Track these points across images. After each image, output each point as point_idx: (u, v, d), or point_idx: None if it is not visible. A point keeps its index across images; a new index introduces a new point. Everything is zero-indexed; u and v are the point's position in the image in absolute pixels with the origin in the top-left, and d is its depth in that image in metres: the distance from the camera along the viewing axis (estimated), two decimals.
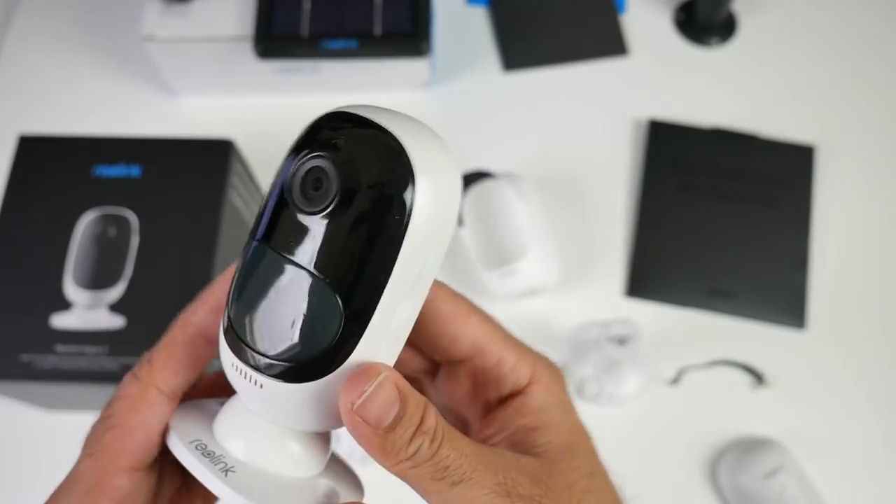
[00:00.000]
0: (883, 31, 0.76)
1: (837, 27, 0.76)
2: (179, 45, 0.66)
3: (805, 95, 0.73)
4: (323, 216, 0.20)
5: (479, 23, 0.77)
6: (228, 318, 0.23)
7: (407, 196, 0.20)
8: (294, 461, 0.24)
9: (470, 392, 0.28)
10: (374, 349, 0.22)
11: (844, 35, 0.76)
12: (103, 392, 0.52)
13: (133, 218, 0.53)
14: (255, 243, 0.22)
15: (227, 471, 0.22)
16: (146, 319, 0.50)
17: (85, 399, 0.56)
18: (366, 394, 0.21)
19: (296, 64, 0.68)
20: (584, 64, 0.75)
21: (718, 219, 0.67)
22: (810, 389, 0.62)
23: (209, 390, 0.27)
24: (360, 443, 0.22)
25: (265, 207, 0.22)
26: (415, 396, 0.22)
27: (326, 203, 0.20)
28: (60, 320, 0.50)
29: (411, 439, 0.22)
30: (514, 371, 0.26)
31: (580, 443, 0.26)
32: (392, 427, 0.21)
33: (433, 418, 0.22)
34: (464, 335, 0.26)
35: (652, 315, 0.64)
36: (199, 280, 0.51)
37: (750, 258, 0.66)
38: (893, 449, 0.61)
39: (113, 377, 0.49)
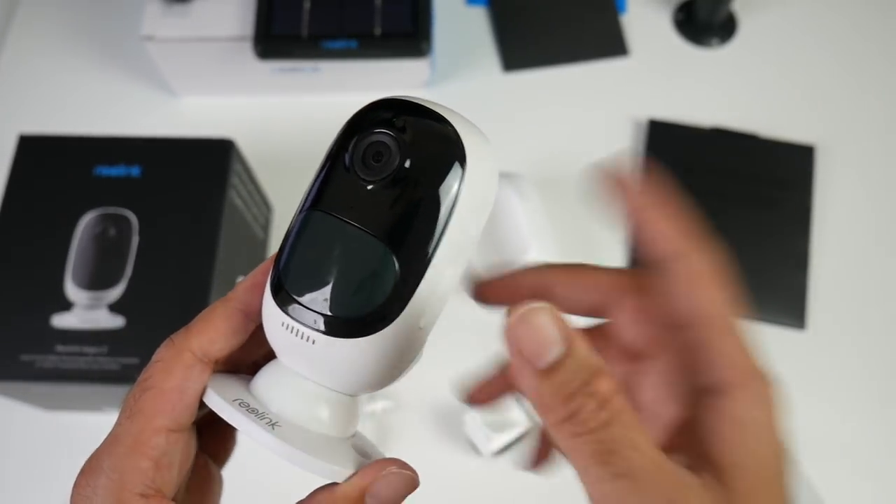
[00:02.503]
0: (883, 30, 0.76)
1: (837, 27, 0.76)
2: (179, 45, 0.66)
3: (805, 95, 0.73)
4: (384, 185, 0.23)
5: (479, 23, 0.77)
6: (278, 278, 0.24)
7: (459, 173, 0.23)
8: (332, 422, 0.25)
9: (671, 375, 0.25)
10: (421, 309, 0.23)
11: (844, 35, 0.76)
12: (103, 392, 0.52)
13: (133, 218, 0.53)
14: (307, 211, 0.24)
15: (273, 425, 0.23)
16: (146, 319, 0.50)
17: (85, 399, 0.56)
18: (523, 310, 0.20)
19: (296, 64, 0.68)
20: (584, 64, 0.75)
21: (718, 219, 0.67)
22: (810, 389, 0.62)
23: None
24: (519, 384, 0.21)
25: (318, 179, 0.25)
26: (588, 351, 0.20)
27: (388, 172, 0.23)
28: (60, 320, 0.50)
29: (573, 394, 0.19)
30: (726, 364, 0.22)
31: (774, 479, 0.22)
32: (553, 369, 0.20)
33: (607, 385, 0.20)
34: (692, 299, 0.23)
35: None
36: (199, 280, 0.51)
37: (750, 258, 0.66)
38: (893, 449, 0.61)
39: (113, 377, 0.49)
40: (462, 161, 0.23)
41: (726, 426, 0.22)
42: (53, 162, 0.55)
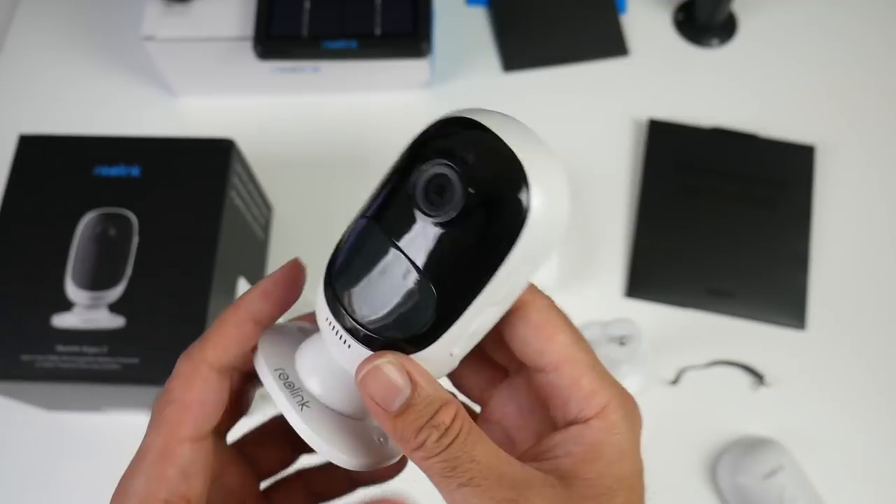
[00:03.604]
0: (883, 30, 0.76)
1: (837, 27, 0.76)
2: (179, 45, 0.66)
3: (805, 95, 0.73)
4: (440, 223, 0.23)
5: (479, 23, 0.77)
6: (331, 277, 0.25)
7: (519, 220, 0.22)
8: (358, 407, 0.26)
9: (531, 407, 0.28)
10: (455, 341, 0.24)
11: (844, 35, 0.76)
12: (103, 392, 0.52)
13: (133, 218, 0.53)
14: (368, 220, 0.24)
15: (302, 405, 0.25)
16: (146, 319, 0.50)
17: (85, 399, 0.56)
18: (371, 365, 0.23)
19: (296, 64, 0.68)
20: (584, 64, 0.75)
21: (718, 219, 0.67)
22: (810, 389, 0.62)
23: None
24: (379, 422, 0.24)
25: (383, 191, 0.24)
26: (432, 389, 0.23)
27: (446, 212, 0.22)
28: (61, 320, 0.50)
29: (420, 429, 0.23)
30: (586, 399, 0.25)
31: (623, 492, 0.25)
32: (402, 411, 0.23)
33: (449, 415, 0.23)
34: (549, 349, 0.26)
35: (652, 315, 0.64)
36: (199, 280, 0.51)
37: (750, 258, 0.66)
38: (893, 449, 0.61)
39: (113, 377, 0.49)
40: (525, 212, 0.22)
41: (579, 448, 0.25)
42: (53, 162, 0.55)
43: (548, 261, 0.24)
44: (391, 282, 0.23)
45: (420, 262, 0.23)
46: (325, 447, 0.25)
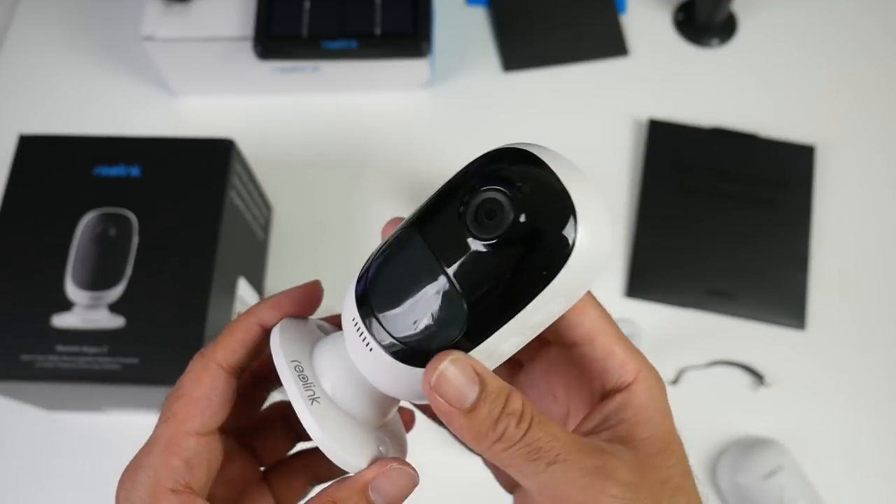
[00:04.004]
0: (883, 30, 0.76)
1: (837, 27, 0.76)
2: (179, 45, 0.66)
3: (805, 95, 0.73)
4: (485, 245, 0.23)
5: (479, 23, 0.77)
6: (365, 279, 0.25)
7: (564, 254, 0.23)
8: (366, 411, 0.27)
9: (573, 381, 0.29)
10: (479, 359, 0.24)
11: (844, 35, 0.76)
12: (103, 392, 0.52)
13: (133, 218, 0.53)
14: (411, 229, 0.25)
15: (313, 399, 0.25)
16: (146, 319, 0.50)
17: (85, 399, 0.56)
18: (438, 370, 0.23)
19: (296, 64, 0.68)
20: (584, 64, 0.75)
21: (718, 219, 0.67)
22: (810, 389, 0.62)
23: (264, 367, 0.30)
24: (450, 427, 0.24)
25: (434, 206, 0.25)
26: (496, 380, 0.24)
27: (493, 237, 0.23)
28: (61, 320, 0.50)
29: (497, 419, 0.23)
30: (622, 367, 0.27)
31: (676, 445, 0.26)
32: (475, 407, 0.23)
33: (519, 401, 0.24)
34: (581, 322, 0.27)
35: (652, 315, 0.64)
36: (199, 280, 0.51)
37: (750, 258, 0.66)
38: (893, 449, 0.61)
39: (113, 377, 0.49)
40: (570, 247, 0.23)
41: (630, 412, 0.26)
42: (53, 162, 0.55)
43: (578, 298, 0.25)
44: (425, 293, 0.24)
45: (458, 280, 0.23)
46: (329, 444, 0.25)
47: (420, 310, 0.24)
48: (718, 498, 0.59)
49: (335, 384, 0.26)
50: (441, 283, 0.23)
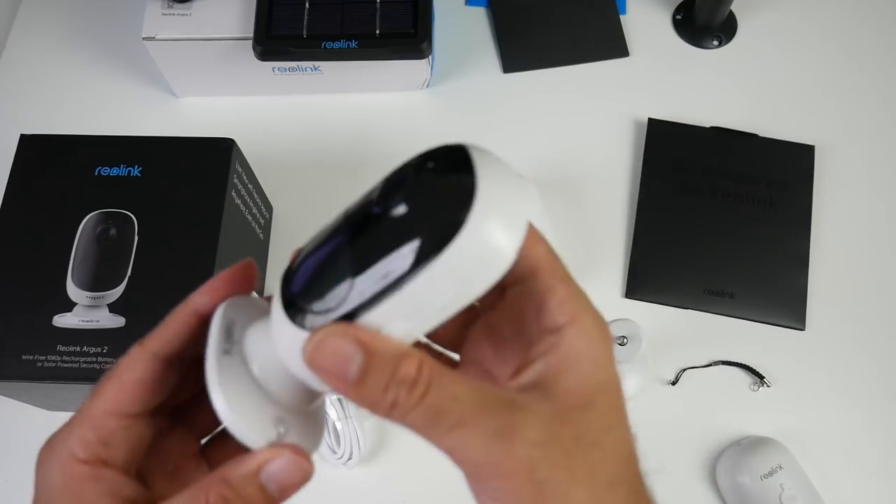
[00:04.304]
0: (883, 30, 0.76)
1: (837, 27, 0.77)
2: (180, 45, 0.66)
3: (805, 95, 0.73)
4: (380, 213, 0.23)
5: (479, 23, 0.77)
6: (298, 254, 0.26)
7: (445, 237, 0.22)
8: (280, 391, 0.26)
9: (507, 338, 0.28)
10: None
11: (844, 35, 0.76)
12: None
13: (134, 218, 0.53)
14: (343, 212, 0.25)
15: (226, 351, 0.25)
16: (146, 319, 0.50)
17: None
18: (314, 340, 0.23)
19: (296, 64, 0.68)
20: (584, 64, 0.75)
21: (718, 219, 0.67)
22: (810, 389, 0.62)
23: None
24: (342, 394, 0.23)
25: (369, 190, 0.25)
26: (386, 346, 0.23)
27: (388, 204, 0.23)
28: (62, 320, 0.50)
29: (387, 388, 0.23)
30: (560, 306, 0.25)
31: (602, 397, 0.25)
32: (362, 378, 0.22)
33: (412, 365, 0.23)
34: (526, 255, 0.25)
35: (651, 316, 0.64)
36: (200, 280, 0.51)
37: (749, 258, 0.66)
38: (893, 449, 0.61)
39: None
40: (453, 233, 0.22)
41: (556, 358, 0.25)
42: (55, 162, 0.55)
43: (474, 297, 0.23)
44: (328, 263, 0.24)
45: (353, 249, 0.23)
46: (222, 403, 0.24)
47: (321, 279, 0.24)
48: (718, 497, 0.59)
49: (254, 355, 0.26)
50: (341, 252, 0.24)
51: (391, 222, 0.23)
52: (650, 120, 0.71)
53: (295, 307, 0.24)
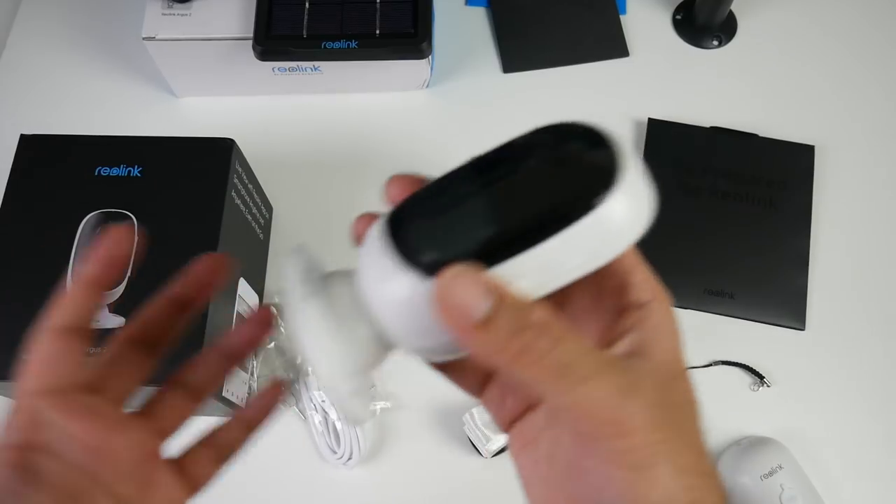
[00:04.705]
0: (883, 30, 0.76)
1: (837, 27, 0.77)
2: (180, 45, 0.66)
3: (805, 95, 0.73)
4: (529, 167, 0.24)
5: (479, 23, 0.77)
6: (408, 200, 0.25)
7: (588, 204, 0.23)
8: (354, 342, 0.25)
9: (593, 298, 0.28)
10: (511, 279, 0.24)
11: (844, 35, 0.76)
12: None
13: (134, 218, 0.53)
14: (471, 161, 0.25)
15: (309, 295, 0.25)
16: None
17: None
18: (449, 274, 0.22)
19: (296, 64, 0.68)
20: (584, 64, 0.75)
21: (718, 219, 0.67)
22: (810, 389, 0.62)
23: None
24: (465, 344, 0.23)
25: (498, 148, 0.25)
26: (512, 292, 0.22)
27: (535, 159, 0.24)
28: None
29: (517, 332, 0.22)
30: (641, 285, 0.27)
31: (684, 370, 0.26)
32: (492, 317, 0.22)
33: (545, 312, 0.23)
34: None
35: None
36: None
37: (749, 258, 0.66)
38: (893, 449, 0.61)
39: None
40: (596, 202, 0.23)
41: (648, 331, 0.26)
42: (54, 162, 0.55)
43: (603, 263, 0.24)
44: (465, 206, 0.24)
45: (495, 192, 0.23)
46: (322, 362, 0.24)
47: (455, 223, 0.23)
48: None
49: (335, 296, 0.25)
50: (479, 197, 0.24)
51: (540, 177, 0.24)
52: (650, 120, 0.71)
53: (412, 250, 0.23)
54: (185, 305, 0.33)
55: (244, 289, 0.58)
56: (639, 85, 0.74)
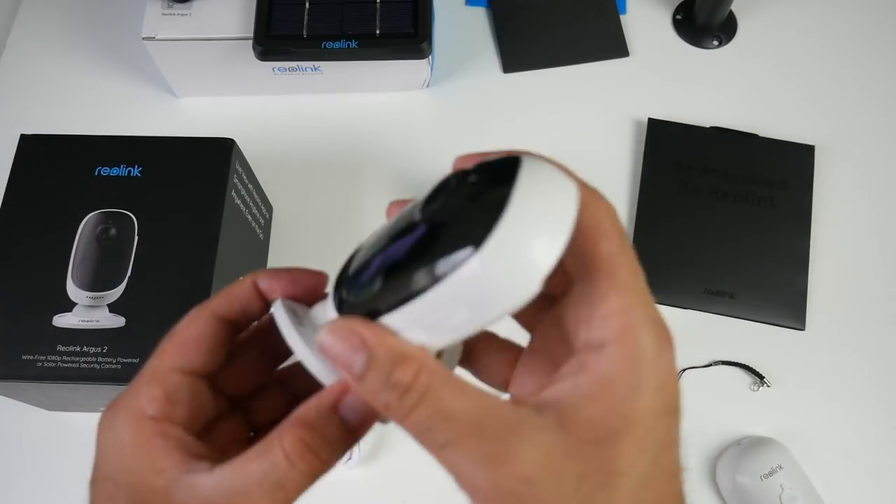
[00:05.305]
0: (883, 30, 0.76)
1: (837, 27, 0.77)
2: (180, 45, 0.66)
3: (805, 95, 0.73)
4: (416, 220, 0.23)
5: (479, 23, 0.77)
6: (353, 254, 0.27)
7: (456, 261, 0.21)
8: None
9: (563, 326, 0.25)
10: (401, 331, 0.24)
11: (844, 35, 0.76)
12: (104, 392, 0.52)
13: (134, 218, 0.53)
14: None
15: (297, 325, 0.26)
16: (146, 319, 0.50)
17: (85, 399, 0.56)
18: (323, 332, 0.23)
19: (296, 64, 0.68)
20: (584, 64, 0.75)
21: (718, 219, 0.67)
22: (810, 389, 0.62)
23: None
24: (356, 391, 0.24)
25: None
26: (390, 347, 0.22)
27: (426, 214, 0.23)
28: (61, 320, 0.50)
29: (383, 389, 0.22)
30: (607, 320, 0.22)
31: (633, 432, 0.21)
32: (363, 374, 0.22)
33: (409, 371, 0.22)
34: (587, 253, 0.23)
35: None
36: (199, 280, 0.51)
37: (749, 258, 0.66)
38: (893, 449, 0.61)
39: (113, 377, 0.49)
40: (463, 259, 0.20)
41: (584, 381, 0.22)
42: (55, 162, 0.55)
43: (494, 320, 0.22)
44: (372, 257, 0.24)
45: (391, 246, 0.24)
46: (292, 337, 0.26)
47: (361, 271, 0.24)
48: (718, 498, 0.59)
49: (319, 322, 0.27)
50: (382, 250, 0.24)
51: (422, 229, 0.23)
52: (650, 120, 0.71)
53: (340, 292, 0.25)
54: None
55: None
56: (639, 85, 0.74)
